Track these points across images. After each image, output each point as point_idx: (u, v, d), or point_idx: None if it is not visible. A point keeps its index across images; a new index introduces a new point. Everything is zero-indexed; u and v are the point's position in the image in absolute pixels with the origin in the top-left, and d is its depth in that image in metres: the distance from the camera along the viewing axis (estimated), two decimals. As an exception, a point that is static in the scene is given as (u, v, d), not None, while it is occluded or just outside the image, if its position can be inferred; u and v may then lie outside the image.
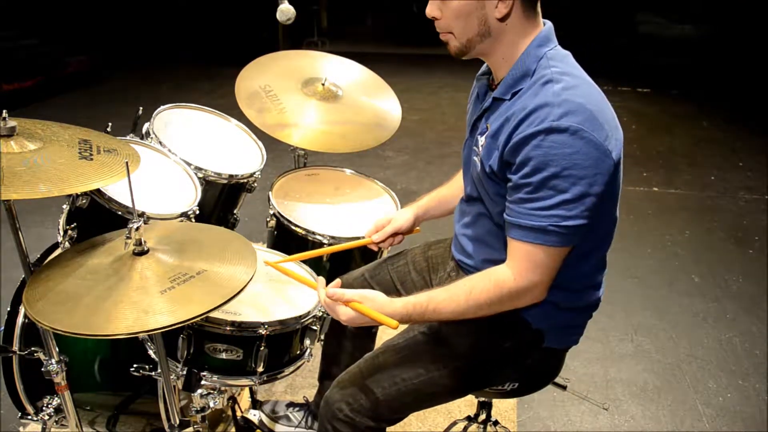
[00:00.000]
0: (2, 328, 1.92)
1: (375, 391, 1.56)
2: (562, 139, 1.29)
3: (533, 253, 1.38)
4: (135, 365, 1.72)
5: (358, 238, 2.10)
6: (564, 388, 1.94)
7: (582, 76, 1.43)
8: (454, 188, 1.93)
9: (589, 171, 1.31)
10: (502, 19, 1.41)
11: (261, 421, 2.20)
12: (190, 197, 1.99)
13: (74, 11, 7.72)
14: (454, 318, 1.46)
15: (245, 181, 2.21)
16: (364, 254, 2.18)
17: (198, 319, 1.31)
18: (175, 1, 8.80)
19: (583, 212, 1.33)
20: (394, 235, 1.91)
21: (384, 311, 1.42)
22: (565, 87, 1.35)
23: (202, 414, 1.75)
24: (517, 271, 1.40)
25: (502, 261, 1.46)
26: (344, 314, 1.44)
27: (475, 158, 1.53)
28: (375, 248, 1.99)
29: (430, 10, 1.46)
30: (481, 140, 1.50)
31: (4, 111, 1.44)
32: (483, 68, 1.66)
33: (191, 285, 1.35)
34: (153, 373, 1.71)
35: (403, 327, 1.75)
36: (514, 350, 1.62)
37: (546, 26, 1.48)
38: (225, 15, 8.39)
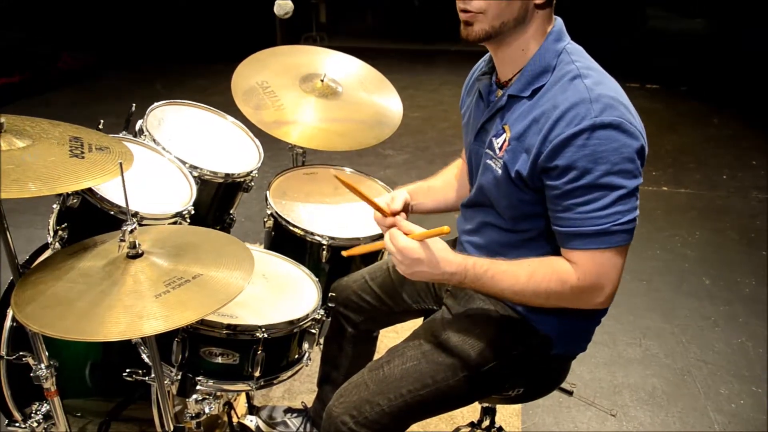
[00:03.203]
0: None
1: (381, 403, 1.52)
2: (608, 134, 1.27)
3: (601, 257, 1.34)
4: (127, 370, 1.68)
5: (358, 239, 2.09)
6: (570, 393, 1.92)
7: (602, 70, 1.41)
8: (443, 181, 1.89)
9: (635, 162, 1.30)
10: (540, 6, 1.38)
11: (258, 427, 2.18)
12: (185, 197, 1.96)
13: (65, 6, 7.69)
14: (510, 296, 1.41)
15: (242, 180, 2.18)
16: (364, 257, 2.14)
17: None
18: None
19: (636, 203, 1.33)
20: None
21: (444, 256, 1.36)
22: (595, 82, 1.34)
23: (198, 420, 1.73)
24: (582, 273, 1.35)
25: None
26: (403, 242, 1.36)
27: (491, 162, 1.48)
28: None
29: None
30: (498, 142, 1.46)
31: (-9, 107, 1.41)
32: (482, 68, 1.62)
33: (186, 289, 1.33)
34: (146, 378, 1.68)
35: (408, 332, 1.71)
36: (523, 357, 1.59)
37: (558, 21, 1.45)
38: (221, 9, 8.35)
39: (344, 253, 1.63)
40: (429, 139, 5.66)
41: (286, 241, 2.11)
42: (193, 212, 1.89)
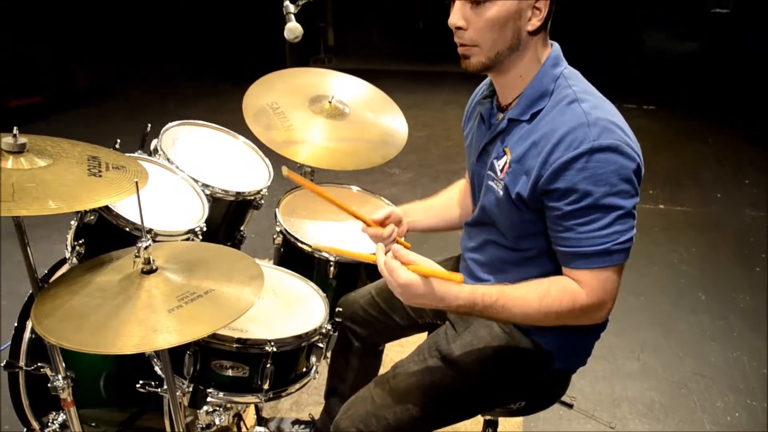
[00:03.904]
0: (9, 342, 1.93)
1: (387, 416, 1.54)
2: (607, 157, 1.30)
3: (603, 275, 1.36)
4: (141, 381, 1.72)
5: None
6: (570, 406, 1.93)
7: (599, 94, 1.44)
8: (443, 200, 1.92)
9: (633, 182, 1.33)
10: (533, 33, 1.40)
11: (266, 438, 2.19)
12: (197, 214, 2.00)
13: (82, 27, 7.78)
14: (520, 320, 1.41)
15: (252, 198, 2.21)
16: (370, 272, 2.18)
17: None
18: (183, 17, 8.86)
19: (633, 222, 1.35)
20: (389, 222, 1.79)
21: (449, 290, 1.31)
22: (593, 106, 1.36)
23: (208, 431, 1.76)
24: (589, 290, 1.37)
25: None
26: (404, 277, 1.28)
27: (492, 183, 1.51)
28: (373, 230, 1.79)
29: (455, 20, 1.39)
30: (499, 164, 1.48)
31: (15, 128, 1.46)
32: (483, 91, 1.64)
33: (199, 304, 1.36)
34: (159, 390, 1.71)
35: (413, 345, 1.75)
36: (525, 372, 1.61)
37: (555, 47, 1.48)
38: (232, 32, 8.43)
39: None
40: (433, 156, 5.69)
41: (294, 257, 2.14)
42: (205, 229, 1.92)
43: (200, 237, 1.90)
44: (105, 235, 1.78)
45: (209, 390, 1.72)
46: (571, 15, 5.21)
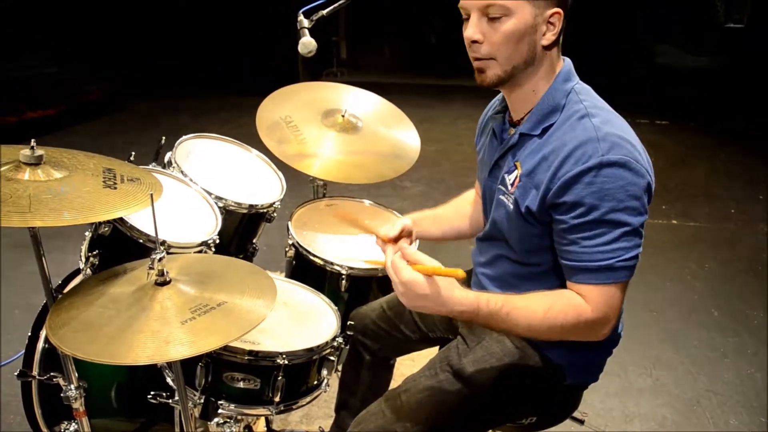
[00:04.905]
0: (23, 352, 1.94)
1: (398, 431, 1.54)
2: (615, 173, 1.30)
3: (608, 291, 1.36)
4: (152, 392, 1.72)
5: (376, 269, 2.12)
6: (582, 422, 1.93)
7: (610, 109, 1.44)
8: (453, 210, 1.93)
9: (641, 199, 1.33)
10: (548, 48, 1.41)
11: (276, 450, 2.19)
12: (210, 226, 2.01)
13: (96, 39, 7.87)
14: (523, 332, 1.40)
15: (265, 210, 2.22)
16: (381, 286, 2.18)
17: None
18: (198, 31, 8.94)
19: (640, 241, 1.35)
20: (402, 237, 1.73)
21: (452, 294, 1.30)
22: (603, 121, 1.37)
23: (219, 442, 1.74)
24: (594, 305, 1.37)
25: None
26: (407, 275, 1.28)
27: (503, 198, 1.52)
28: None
29: (472, 33, 1.39)
30: (510, 179, 1.49)
31: (33, 140, 1.47)
32: (496, 106, 1.66)
33: (211, 316, 1.36)
34: (170, 401, 1.71)
35: (424, 359, 1.74)
36: (536, 388, 1.61)
37: (567, 62, 1.49)
38: (245, 45, 8.50)
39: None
40: (444, 171, 5.69)
41: (306, 270, 2.15)
42: (218, 241, 1.93)
43: (213, 249, 1.92)
44: (119, 247, 1.80)
45: (220, 402, 1.72)
46: (583, 29, 5.21)
